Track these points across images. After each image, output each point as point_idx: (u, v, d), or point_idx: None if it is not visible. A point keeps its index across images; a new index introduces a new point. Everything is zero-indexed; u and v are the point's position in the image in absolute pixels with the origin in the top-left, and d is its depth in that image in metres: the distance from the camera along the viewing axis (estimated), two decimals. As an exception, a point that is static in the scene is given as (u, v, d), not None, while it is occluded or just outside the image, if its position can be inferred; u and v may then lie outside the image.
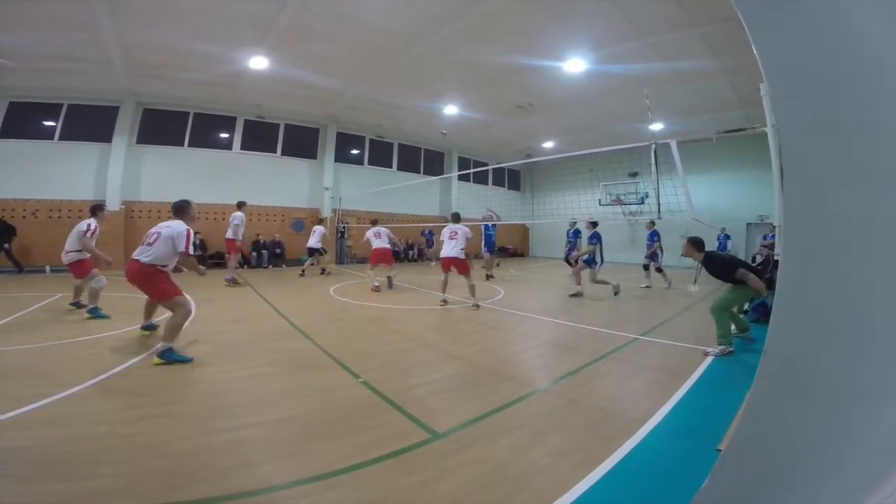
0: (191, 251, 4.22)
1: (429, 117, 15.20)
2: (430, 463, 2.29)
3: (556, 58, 10.03)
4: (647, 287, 9.85)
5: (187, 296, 4.41)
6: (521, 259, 20.99)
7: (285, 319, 5.88)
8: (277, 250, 13.97)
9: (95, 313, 5.60)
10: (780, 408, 1.10)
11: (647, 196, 16.96)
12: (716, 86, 11.16)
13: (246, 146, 14.40)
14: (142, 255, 4.11)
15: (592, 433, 2.69)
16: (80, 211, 11.56)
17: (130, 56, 9.86)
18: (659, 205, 6.51)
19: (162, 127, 13.02)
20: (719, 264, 4.76)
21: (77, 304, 6.09)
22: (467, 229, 7.34)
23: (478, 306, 6.93)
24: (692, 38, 8.71)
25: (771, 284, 4.93)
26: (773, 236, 7.08)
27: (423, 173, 18.59)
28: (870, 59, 0.98)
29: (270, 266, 13.54)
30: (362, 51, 9.80)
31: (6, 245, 10.31)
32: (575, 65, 10.29)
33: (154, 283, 4.15)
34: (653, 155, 6.39)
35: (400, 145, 18.11)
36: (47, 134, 11.76)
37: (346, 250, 15.86)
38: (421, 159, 18.99)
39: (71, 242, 5.87)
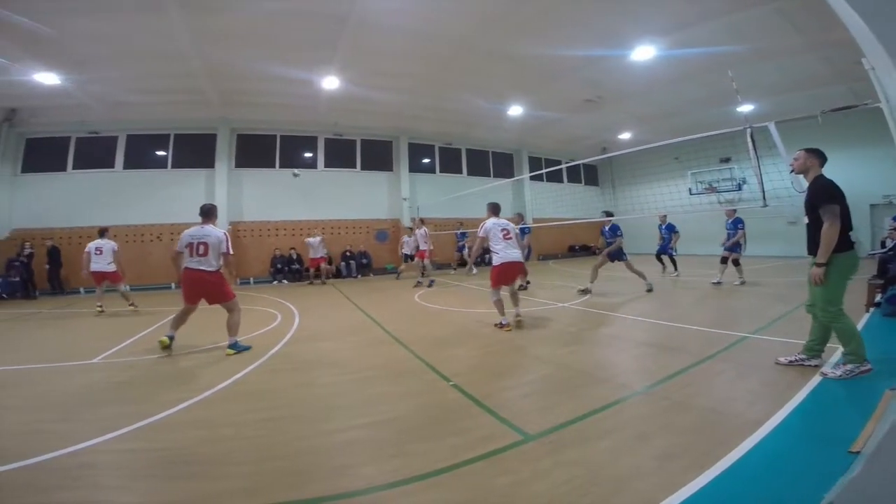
0: (231, 251, 4.99)
1: (495, 120, 15.20)
2: (523, 464, 2.29)
3: (621, 47, 9.63)
4: (717, 283, 8.82)
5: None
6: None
7: (378, 326, 6.21)
8: (364, 260, 14.75)
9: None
10: None
11: (744, 182, 15.47)
12: (806, 61, 10.12)
13: (329, 163, 15.47)
14: (204, 265, 4.71)
15: (702, 435, 2.52)
16: (195, 234, 13.17)
17: (218, 85, 11.01)
18: (763, 192, 5.90)
19: (254, 151, 14.44)
20: (822, 191, 3.38)
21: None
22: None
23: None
24: (767, 15, 8.04)
25: None
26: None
27: (494, 176, 18.57)
28: None
29: (359, 276, 14.33)
30: (421, 60, 10.10)
31: (57, 270, 11.60)
32: (644, 52, 9.80)
33: (223, 287, 4.87)
34: (749, 139, 5.81)
35: (468, 150, 18.32)
36: (161, 163, 13.56)
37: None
38: (490, 163, 19.01)
39: (110, 255, 8.00)
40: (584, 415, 2.88)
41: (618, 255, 8.30)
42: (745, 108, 12.19)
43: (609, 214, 8.12)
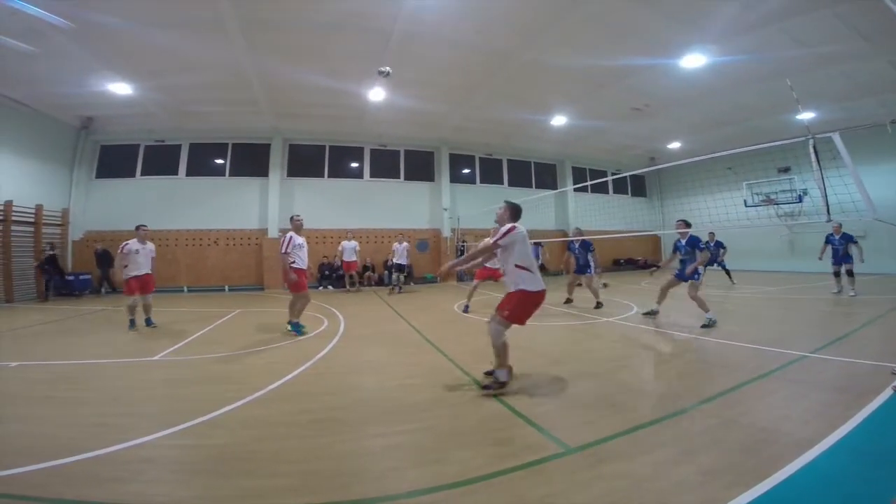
0: (282, 250, 6.01)
1: (537, 130, 15.12)
2: (563, 475, 2.29)
3: (670, 55, 9.38)
4: (837, 293, 9.20)
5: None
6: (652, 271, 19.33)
7: (419, 334, 6.31)
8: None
9: (131, 325, 6.55)
10: None
11: (804, 193, 14.56)
12: (871, 67, 9.49)
13: (374, 174, 15.92)
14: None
15: (752, 453, 2.43)
16: (248, 239, 13.93)
17: (272, 96, 11.60)
18: (827, 205, 5.54)
19: (305, 160, 15.11)
20: None
21: (148, 322, 6.84)
22: None
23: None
24: (825, 19, 7.63)
25: None
26: None
27: (535, 187, 18.37)
28: None
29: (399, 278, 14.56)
30: (464, 71, 10.23)
31: (108, 269, 12.07)
32: (694, 60, 9.51)
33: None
34: (812, 151, 5.48)
35: (509, 161, 18.27)
36: (219, 171, 14.45)
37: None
38: (532, 173, 18.83)
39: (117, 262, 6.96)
40: (628, 429, 2.83)
41: (682, 275, 6.87)
42: (806, 115, 11.51)
43: (687, 224, 6.92)
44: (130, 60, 9.19)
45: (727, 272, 11.79)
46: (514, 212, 4.05)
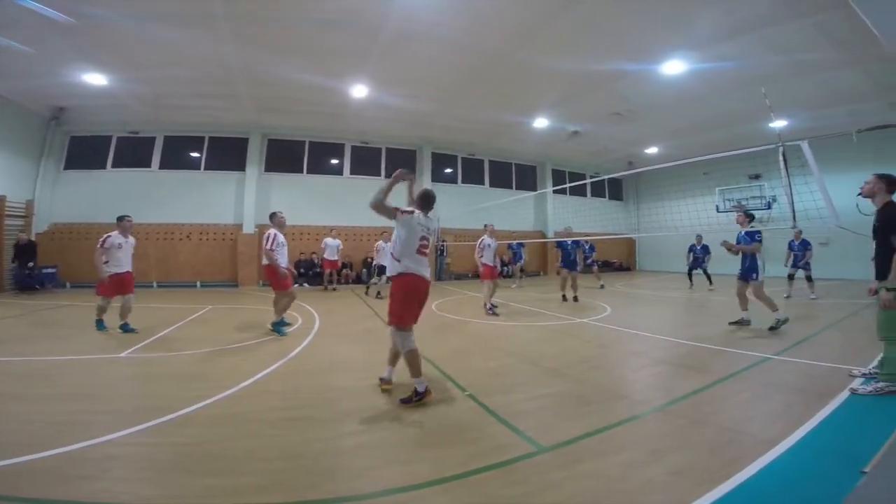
0: (266, 246, 5.83)
1: (520, 132, 15.22)
2: (535, 475, 2.31)
3: (652, 61, 9.55)
4: (787, 297, 9.42)
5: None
6: (627, 273, 19.78)
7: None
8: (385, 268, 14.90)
9: (99, 326, 5.99)
10: None
11: (774, 200, 15.09)
12: (845, 76, 9.78)
13: (354, 171, 15.76)
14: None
15: (717, 453, 2.50)
16: (223, 234, 13.62)
17: (254, 91, 11.36)
18: (794, 212, 5.73)
19: (284, 156, 14.86)
20: (888, 216, 3.46)
21: (124, 328, 5.99)
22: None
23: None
24: (805, 29, 7.84)
25: None
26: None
27: (516, 188, 18.60)
28: None
29: (378, 280, 14.45)
30: (451, 71, 10.21)
31: (30, 263, 11.09)
32: (674, 66, 9.69)
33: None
34: (781, 158, 5.67)
35: (490, 162, 18.38)
36: (195, 164, 14.09)
37: (444, 267, 16.36)
38: (513, 174, 18.99)
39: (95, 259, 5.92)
40: (599, 429, 2.87)
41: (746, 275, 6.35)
42: (778, 123, 11.89)
43: (750, 217, 6.43)
44: (110, 52, 8.88)
45: (708, 276, 12.22)
46: (420, 198, 4.05)
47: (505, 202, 15.15)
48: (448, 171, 17.64)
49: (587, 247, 13.32)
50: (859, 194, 3.72)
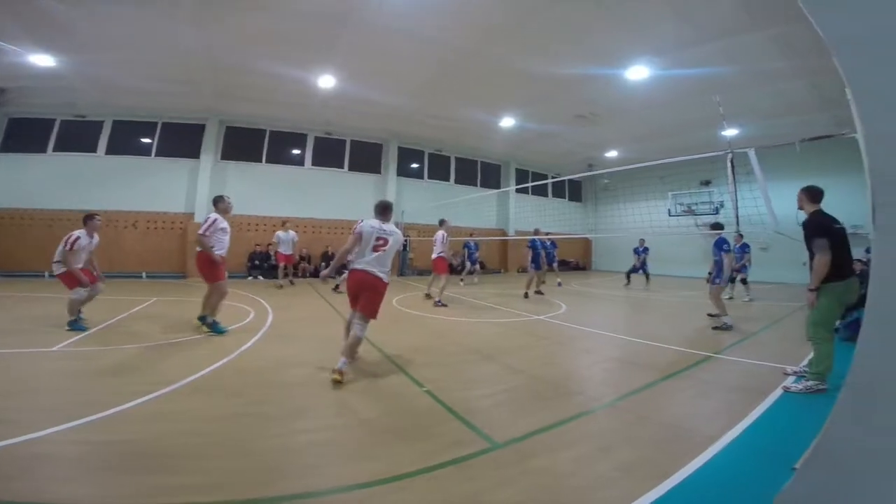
0: (200, 231, 5.37)
1: (487, 130, 15.31)
2: (490, 471, 2.32)
3: (617, 65, 9.81)
4: (729, 299, 9.61)
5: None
6: (582, 273, 20.39)
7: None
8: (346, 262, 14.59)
9: (74, 326, 5.27)
10: (865, 421, 1.04)
11: (721, 205, 15.95)
12: (795, 88, 10.38)
13: (316, 162, 15.36)
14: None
15: (662, 449, 2.60)
16: (172, 223, 12.93)
17: (214, 76, 10.85)
18: (737, 217, 6.08)
19: (242, 144, 14.25)
20: (811, 227, 3.77)
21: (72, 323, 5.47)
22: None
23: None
24: (762, 41, 8.24)
25: (863, 301, 4.32)
26: (873, 250, 6.32)
27: (480, 186, 18.77)
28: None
29: (337, 276, 14.15)
30: (422, 66, 10.12)
31: None
32: (638, 72, 10.00)
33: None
34: (729, 165, 5.99)
35: (457, 159, 18.43)
36: (145, 150, 13.30)
37: (407, 262, 16.27)
38: (478, 172, 19.14)
39: (57, 254, 5.49)
40: (551, 425, 2.93)
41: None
42: (730, 132, 12.54)
43: (718, 227, 7.18)
44: (61, 33, 8.24)
45: (647, 275, 12.86)
46: (375, 208, 4.57)
47: (469, 199, 15.24)
48: (414, 165, 17.53)
49: (549, 244, 13.63)
50: (798, 208, 4.04)
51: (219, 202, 5.74)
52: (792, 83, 10.11)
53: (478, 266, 14.43)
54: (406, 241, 15.96)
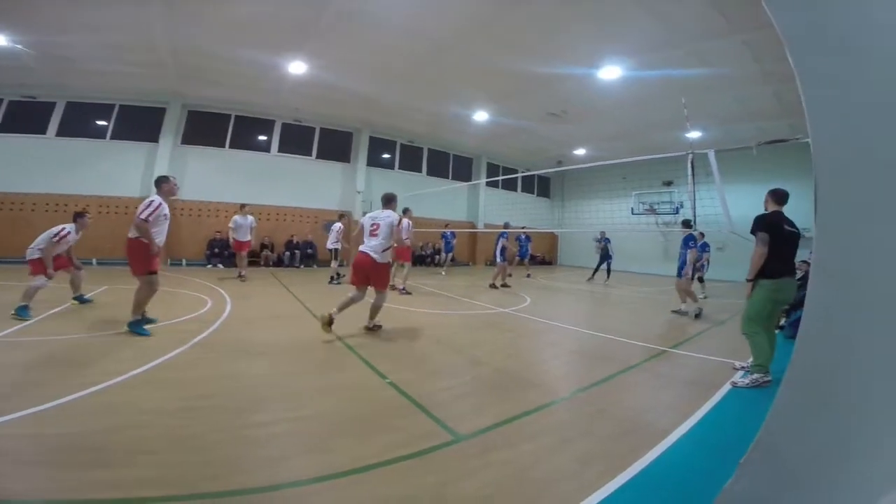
0: (142, 216, 4.64)
1: (460, 123, 15.26)
2: (452, 463, 2.33)
3: (590, 65, 9.92)
4: (704, 297, 9.83)
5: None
6: (549, 267, 20.78)
7: (317, 319, 6.01)
8: (309, 251, 14.33)
9: (22, 313, 5.07)
10: (804, 415, 1.09)
11: (681, 206, 16.56)
12: (758, 94, 10.79)
13: (283, 149, 14.89)
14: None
15: (618, 442, 2.67)
16: (126, 207, 12.28)
17: (180, 60, 10.34)
18: (695, 217, 6.35)
19: (205, 129, 13.63)
20: (758, 220, 3.90)
21: (80, 298, 6.17)
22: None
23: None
24: (734, 45, 8.46)
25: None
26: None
27: (452, 178, 18.76)
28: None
29: (302, 266, 13.89)
30: (397, 56, 9.95)
31: None
32: (610, 72, 10.16)
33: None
34: (689, 165, 6.23)
35: (429, 150, 18.33)
36: (100, 133, 12.53)
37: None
38: (450, 164, 19.11)
39: (40, 240, 5.57)
40: (513, 417, 2.96)
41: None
42: (693, 134, 12.98)
43: (688, 224, 7.65)
44: (16, 9, 7.69)
45: (608, 271, 13.22)
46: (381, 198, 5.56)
47: (441, 190, 15.20)
48: (386, 156, 17.30)
49: (523, 237, 14.12)
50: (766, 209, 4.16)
51: (163, 183, 5.02)
52: (757, 88, 10.46)
53: (450, 256, 14.58)
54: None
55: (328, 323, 4.86)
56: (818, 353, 1.11)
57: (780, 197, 4.01)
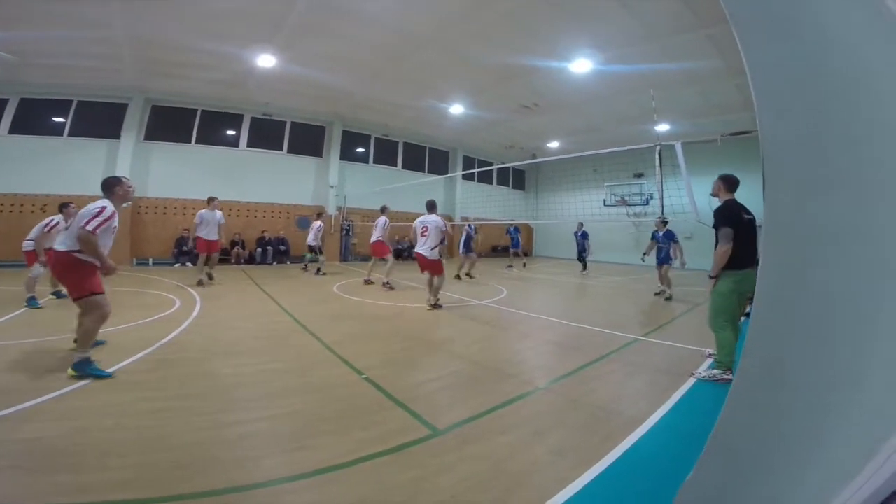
0: (89, 227, 3.44)
1: (436, 117, 15.19)
2: (430, 458, 2.34)
3: (562, 58, 10.01)
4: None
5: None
6: (524, 258, 20.95)
7: (290, 316, 5.94)
8: (282, 247, 14.06)
9: (33, 303, 5.87)
10: (758, 404, 1.13)
11: (651, 197, 16.96)
12: (723, 88, 11.09)
13: (252, 143, 14.49)
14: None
15: (591, 432, 2.72)
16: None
17: (141, 53, 9.92)
18: (662, 207, 6.53)
19: (170, 124, 13.12)
20: (720, 215, 3.80)
21: (58, 294, 6.43)
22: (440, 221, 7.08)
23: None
24: (699, 40, 8.66)
25: None
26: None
27: (428, 171, 18.66)
28: (851, 74, 1.02)
29: (275, 263, 13.63)
30: (371, 50, 9.82)
31: None
32: (581, 65, 10.27)
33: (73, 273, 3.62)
34: (657, 157, 6.40)
35: (405, 144, 18.16)
36: (57, 130, 11.93)
37: (350, 248, 15.95)
38: (426, 158, 19.00)
39: (32, 233, 6.27)
40: (488, 410, 2.99)
41: (665, 260, 8.82)
42: (661, 127, 13.29)
43: (665, 222, 8.71)
44: None
45: (584, 262, 13.47)
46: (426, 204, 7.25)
47: (416, 184, 15.11)
48: (360, 150, 17.05)
49: (513, 230, 14.45)
50: (711, 194, 4.13)
51: (115, 185, 3.80)
52: (720, 83, 10.77)
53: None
54: (349, 225, 15.67)
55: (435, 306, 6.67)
56: (769, 345, 1.15)
57: (731, 184, 3.91)
